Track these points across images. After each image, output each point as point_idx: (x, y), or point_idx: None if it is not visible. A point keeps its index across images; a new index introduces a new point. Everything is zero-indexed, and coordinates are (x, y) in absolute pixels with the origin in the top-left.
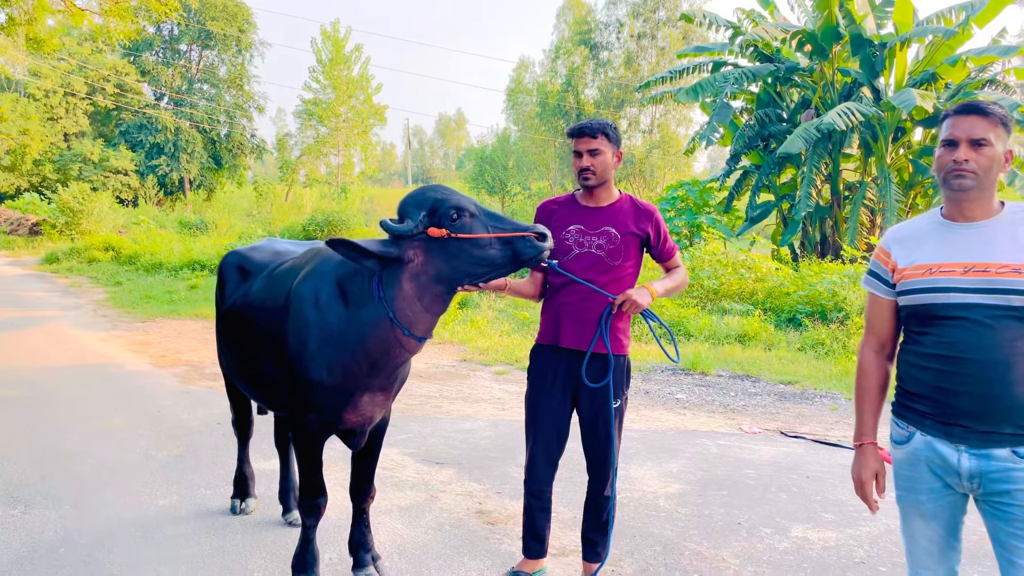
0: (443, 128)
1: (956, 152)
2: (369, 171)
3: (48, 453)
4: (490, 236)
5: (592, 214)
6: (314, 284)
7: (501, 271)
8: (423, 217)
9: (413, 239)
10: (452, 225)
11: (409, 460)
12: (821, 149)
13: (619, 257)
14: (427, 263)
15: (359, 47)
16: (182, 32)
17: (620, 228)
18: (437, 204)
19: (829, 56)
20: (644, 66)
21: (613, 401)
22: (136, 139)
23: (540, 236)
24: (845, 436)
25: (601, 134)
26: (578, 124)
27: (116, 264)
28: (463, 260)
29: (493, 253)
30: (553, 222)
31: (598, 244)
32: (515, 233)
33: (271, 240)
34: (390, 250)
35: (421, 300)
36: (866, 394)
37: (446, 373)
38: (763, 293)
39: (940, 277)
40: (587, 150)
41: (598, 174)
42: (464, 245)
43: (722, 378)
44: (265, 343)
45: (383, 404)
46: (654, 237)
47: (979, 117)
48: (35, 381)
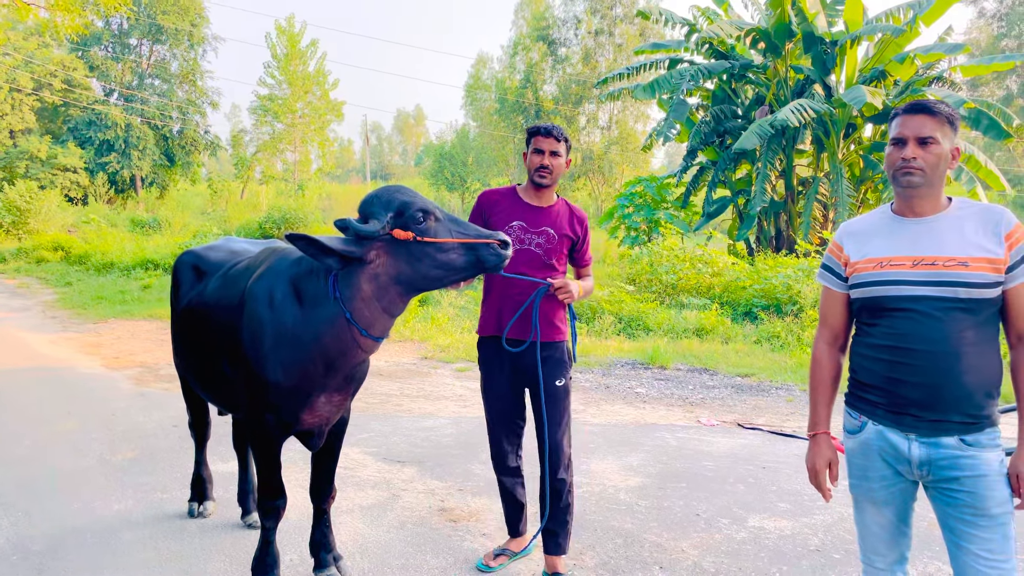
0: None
1: (905, 150)
2: (326, 168)
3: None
4: (455, 241)
5: (534, 213)
6: (268, 283)
7: (461, 276)
8: (390, 218)
9: (376, 240)
10: (418, 228)
11: (370, 459)
12: (775, 145)
13: (554, 256)
14: (389, 265)
15: (315, 42)
16: (132, 26)
17: (558, 229)
18: (404, 206)
19: (782, 53)
20: (602, 62)
21: (557, 380)
22: (85, 136)
23: (503, 244)
24: (800, 427)
25: (564, 140)
26: (545, 124)
27: (66, 264)
28: (426, 264)
29: (455, 258)
30: (495, 212)
31: (537, 242)
32: (480, 240)
33: (227, 239)
34: (352, 249)
35: (380, 301)
36: (819, 385)
37: (407, 371)
38: (720, 287)
39: (890, 271)
40: (550, 151)
41: (554, 175)
42: (428, 249)
43: (680, 371)
44: (220, 343)
45: (340, 404)
46: (580, 242)
47: (927, 116)
48: None
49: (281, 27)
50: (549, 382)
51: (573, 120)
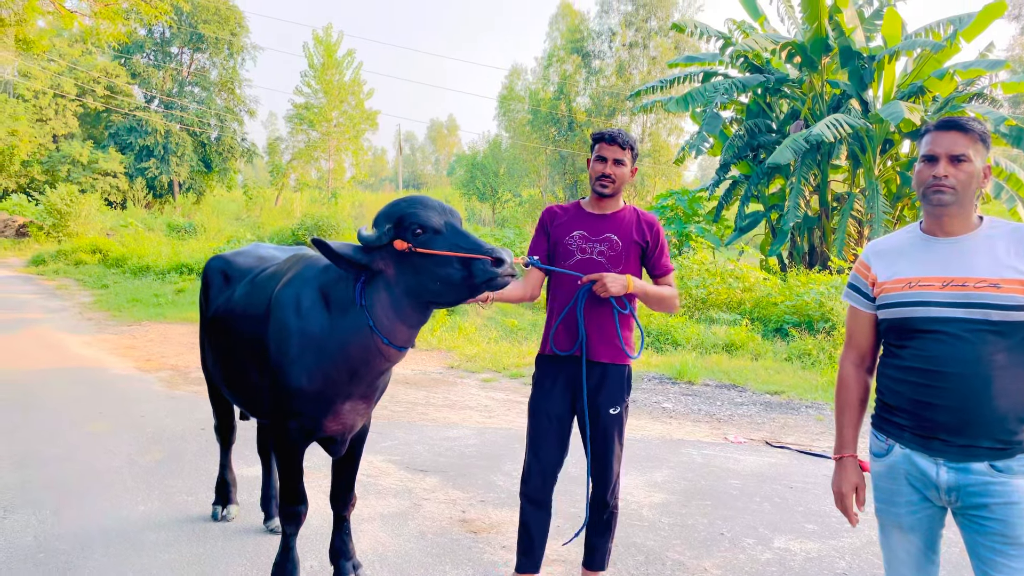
0: (435, 134)
1: (936, 168)
2: (360, 176)
3: (30, 457)
4: (448, 254)
5: (596, 221)
6: (296, 290)
7: (460, 292)
8: (389, 229)
9: (382, 250)
10: (415, 240)
11: (393, 467)
12: (810, 160)
13: (620, 264)
14: (397, 275)
15: (351, 52)
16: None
17: (622, 236)
18: (403, 217)
19: (818, 68)
20: (635, 75)
21: (612, 408)
22: (126, 141)
23: (496, 261)
24: (830, 447)
25: (629, 147)
26: (610, 130)
27: (103, 267)
28: (425, 277)
29: (452, 272)
30: (556, 225)
31: (599, 250)
32: (470, 255)
33: (256, 245)
34: (359, 257)
35: (396, 311)
36: (847, 407)
37: (432, 380)
38: (751, 303)
39: (919, 291)
40: (613, 159)
41: (616, 184)
42: (426, 261)
43: (708, 387)
44: (247, 349)
45: (364, 412)
46: (652, 246)
47: (959, 133)
48: (19, 384)
49: (319, 37)
50: (603, 409)
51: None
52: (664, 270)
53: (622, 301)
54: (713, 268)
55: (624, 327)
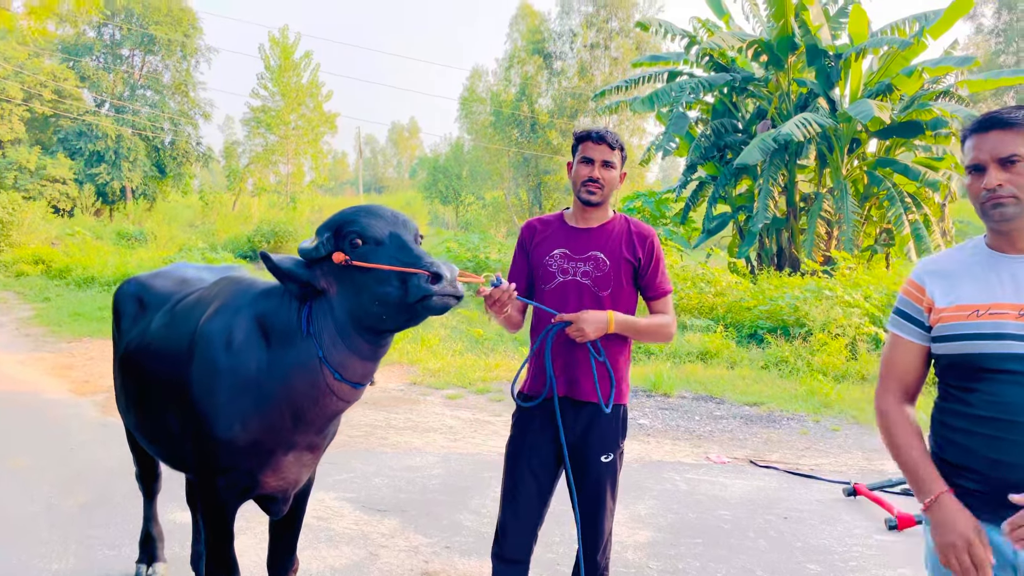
0: (396, 137)
1: (986, 177)
2: (319, 180)
3: None
4: (383, 268)
5: (580, 237)
6: (226, 321)
7: (399, 314)
8: (328, 238)
9: (323, 264)
10: (353, 252)
11: (347, 507)
12: (778, 160)
13: (608, 286)
14: (339, 295)
15: (308, 53)
16: (124, 37)
17: (610, 253)
18: (342, 226)
19: (785, 66)
20: (597, 76)
21: (603, 455)
22: (75, 146)
23: (434, 276)
24: (817, 464)
25: (619, 148)
26: (597, 129)
27: (46, 278)
28: (365, 296)
29: (390, 290)
30: (536, 243)
31: (584, 271)
32: (404, 268)
33: (179, 265)
34: (299, 272)
35: (344, 339)
36: (910, 446)
37: (394, 398)
38: (723, 308)
39: (989, 321)
40: (602, 160)
41: (606, 190)
42: (366, 278)
43: (685, 399)
44: (165, 393)
45: (311, 464)
46: (645, 263)
47: (1003, 131)
48: None
49: (275, 38)
50: (592, 456)
51: (568, 133)
52: (659, 292)
53: (597, 346)
54: (683, 271)
55: (615, 364)
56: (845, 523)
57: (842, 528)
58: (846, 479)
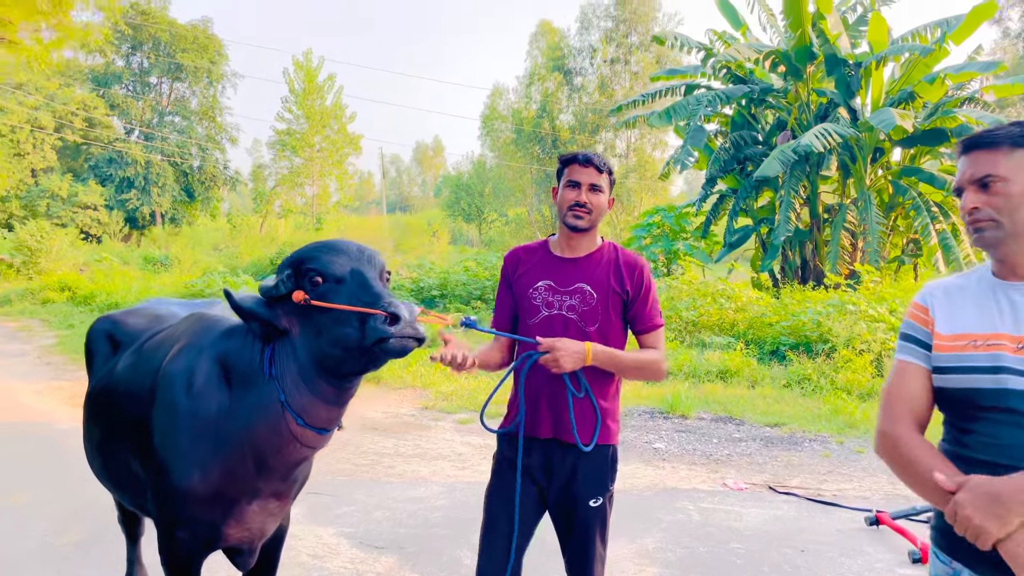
0: (421, 156)
1: (963, 200)
2: (345, 201)
3: None
4: (339, 308)
5: (566, 267)
6: (188, 362)
7: (357, 358)
8: (288, 276)
9: (284, 303)
10: (314, 291)
11: (344, 543)
12: (799, 171)
13: (596, 321)
14: (302, 335)
15: (332, 76)
16: (152, 65)
17: (597, 285)
18: (302, 262)
19: (804, 76)
20: (618, 90)
21: (592, 500)
22: (106, 173)
23: (392, 317)
24: (840, 489)
25: (607, 171)
26: (583, 151)
27: (71, 305)
28: (325, 338)
29: (348, 332)
30: (520, 275)
31: (569, 304)
32: (360, 308)
33: (156, 301)
34: (260, 311)
35: (306, 382)
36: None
37: (404, 424)
38: (744, 324)
39: (986, 352)
40: (589, 184)
41: (593, 215)
42: (325, 318)
43: (703, 421)
44: (128, 436)
45: (278, 513)
46: (634, 294)
47: (980, 152)
48: None
49: (299, 62)
50: (580, 501)
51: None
52: (648, 325)
53: (577, 380)
54: (703, 287)
55: (600, 400)
56: (866, 555)
57: (863, 561)
58: (870, 506)
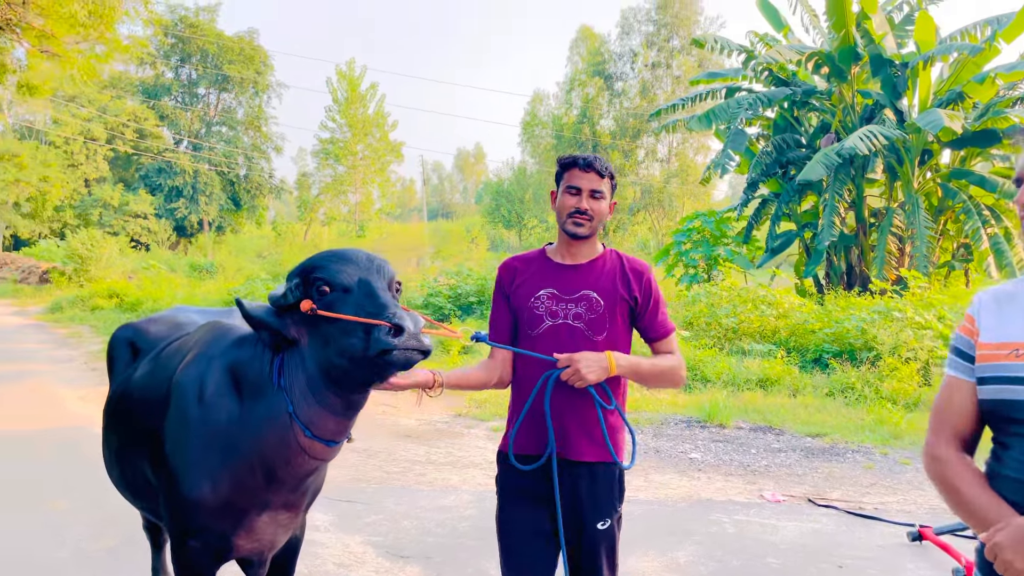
0: (462, 163)
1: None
2: (387, 208)
3: None
4: (343, 318)
5: (568, 275)
6: (199, 371)
7: (362, 369)
8: (296, 285)
9: (293, 312)
10: (321, 300)
11: (371, 552)
12: (843, 175)
13: (603, 329)
14: (310, 345)
15: (374, 85)
16: (200, 76)
17: (604, 291)
18: (310, 271)
19: (848, 78)
20: (660, 95)
21: (600, 522)
22: (155, 183)
23: (395, 329)
24: (883, 503)
25: (608, 176)
26: (584, 155)
27: (120, 311)
28: (332, 348)
29: (354, 343)
30: (518, 285)
31: (575, 313)
32: (365, 319)
33: (178, 309)
34: (270, 320)
35: (314, 393)
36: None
37: (437, 431)
38: (786, 331)
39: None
40: (590, 189)
41: (594, 222)
42: (332, 328)
43: (742, 431)
44: (143, 444)
45: (289, 524)
46: (641, 303)
47: None
48: None
49: (342, 72)
50: (587, 523)
51: (631, 154)
52: (661, 331)
53: (604, 392)
54: (744, 293)
55: (610, 423)
56: (908, 572)
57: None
58: (914, 520)
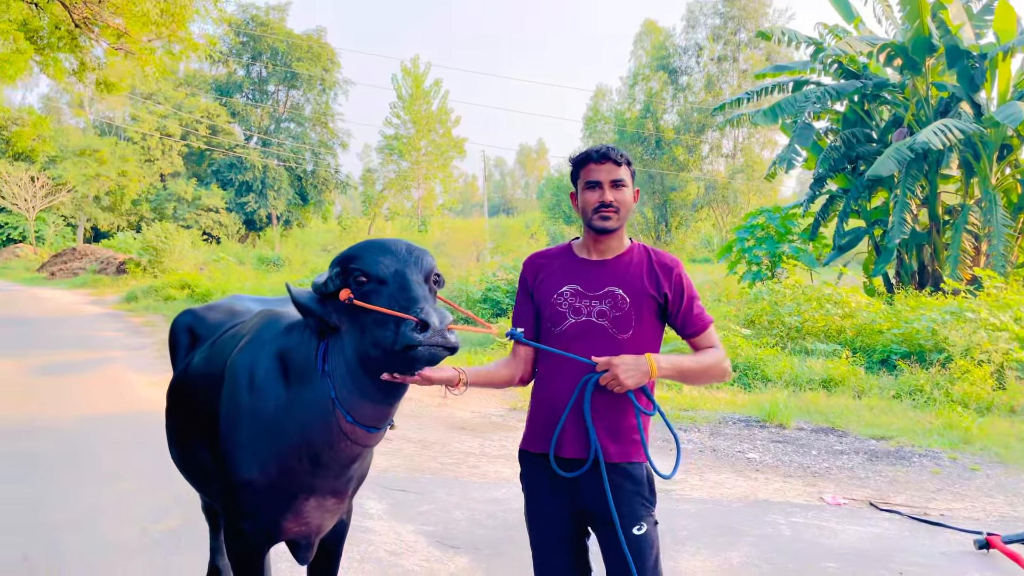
0: (524, 158)
1: None
2: (449, 203)
3: (43, 525)
4: (375, 309)
5: (593, 271)
6: (251, 357)
7: (394, 361)
8: (337, 274)
9: (334, 299)
10: (359, 290)
11: (422, 542)
12: (915, 170)
13: (629, 327)
14: (349, 333)
15: (438, 82)
16: (270, 74)
17: (630, 288)
18: (348, 260)
19: (922, 70)
20: (725, 89)
21: (635, 527)
22: (227, 178)
23: (421, 324)
24: (949, 509)
25: (626, 163)
26: (597, 147)
27: (191, 302)
28: (367, 338)
29: (386, 335)
30: (541, 280)
31: (599, 310)
32: (394, 312)
33: (235, 297)
34: (314, 307)
35: (354, 380)
36: None
37: (492, 424)
38: (852, 331)
39: None
40: (611, 180)
41: (621, 213)
42: (367, 319)
43: (803, 432)
44: (200, 427)
45: (335, 510)
46: (673, 300)
47: None
48: (66, 433)
49: (406, 68)
50: (622, 527)
51: (695, 149)
52: (699, 325)
53: (644, 396)
54: (808, 292)
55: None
56: None
57: None
58: (982, 528)
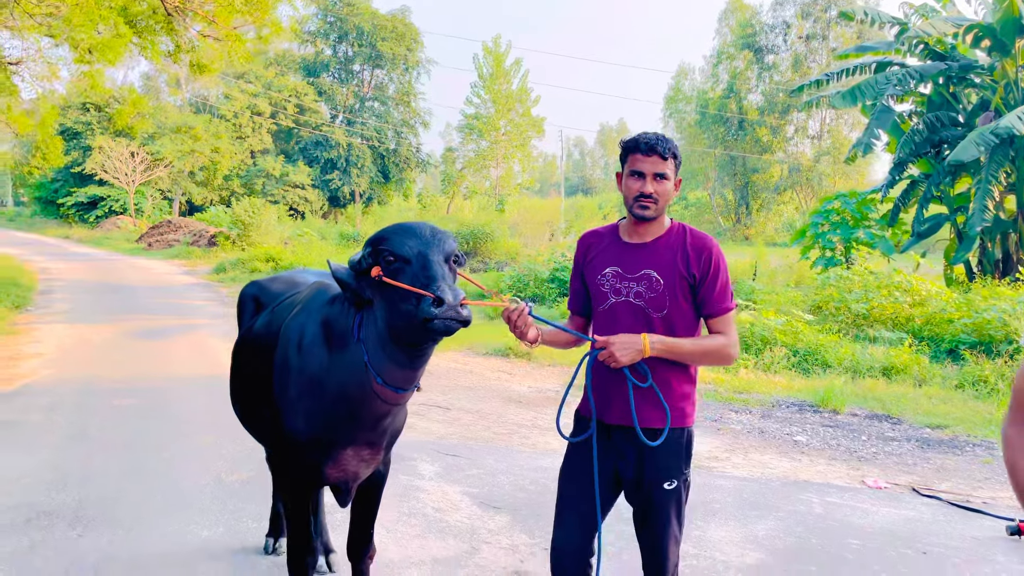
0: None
1: None
2: (527, 183)
3: (134, 470)
4: (398, 286)
5: (632, 253)
6: (301, 323)
7: (416, 333)
8: (368, 253)
9: (367, 276)
10: (387, 268)
11: (466, 501)
12: (1000, 156)
13: (663, 307)
14: (379, 306)
15: (519, 61)
16: (355, 53)
17: (664, 270)
18: (379, 241)
19: (1011, 52)
20: (814, 68)
21: (666, 483)
22: (313, 155)
23: (436, 300)
24: (993, 497)
25: (672, 156)
26: (646, 137)
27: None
28: (394, 312)
29: (409, 309)
30: (590, 261)
31: (636, 292)
32: (414, 289)
33: (297, 271)
34: (349, 281)
35: (383, 347)
36: None
37: (547, 398)
38: (921, 319)
39: None
40: (654, 173)
41: (660, 204)
42: (393, 294)
43: (856, 418)
44: (260, 383)
45: (370, 459)
46: (701, 278)
47: None
48: (156, 391)
49: (488, 48)
50: (654, 485)
51: (780, 130)
52: (716, 309)
53: (639, 372)
54: (877, 279)
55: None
56: (996, 565)
57: (989, 570)
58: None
